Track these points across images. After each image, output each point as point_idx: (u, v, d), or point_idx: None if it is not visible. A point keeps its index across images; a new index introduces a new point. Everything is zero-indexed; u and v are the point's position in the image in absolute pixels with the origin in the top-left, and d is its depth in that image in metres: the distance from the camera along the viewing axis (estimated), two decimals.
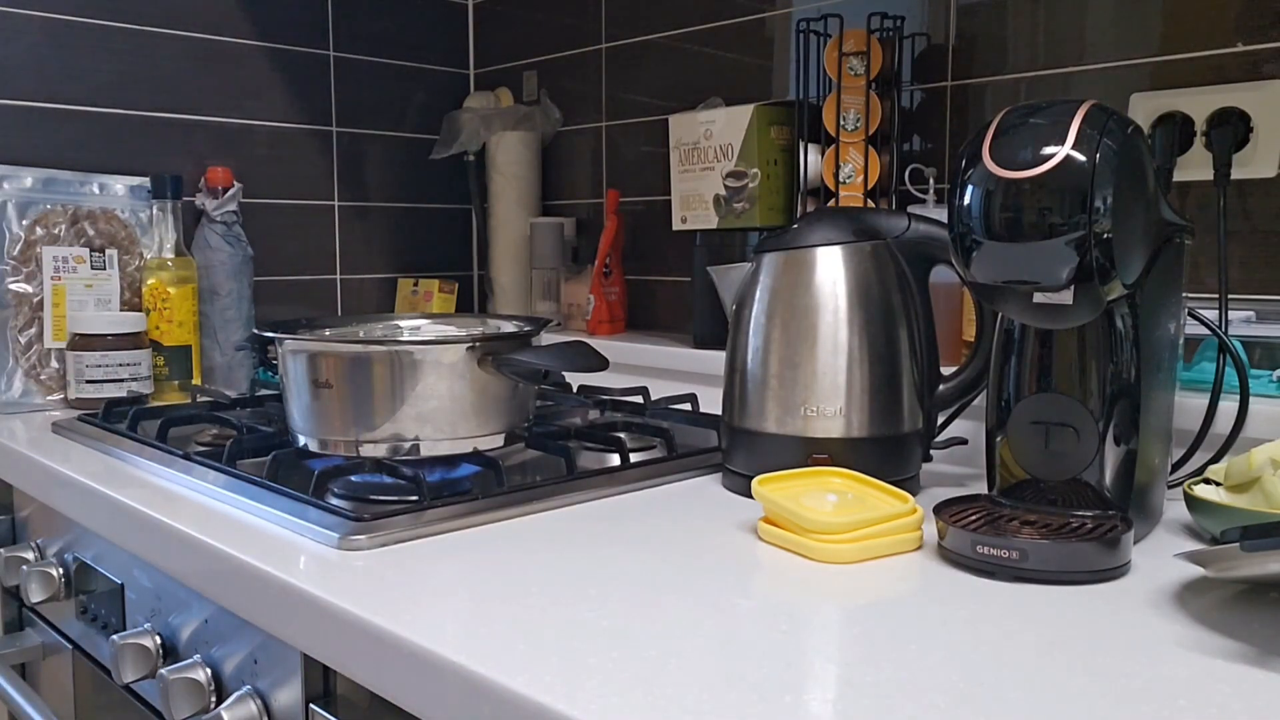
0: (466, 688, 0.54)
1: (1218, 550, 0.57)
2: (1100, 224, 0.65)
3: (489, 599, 0.64)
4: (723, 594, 0.65)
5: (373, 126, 1.77)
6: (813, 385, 0.86)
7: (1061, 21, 1.13)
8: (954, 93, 1.22)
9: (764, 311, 0.89)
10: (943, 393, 0.91)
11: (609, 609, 0.62)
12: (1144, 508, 0.75)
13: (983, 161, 0.69)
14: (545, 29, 1.76)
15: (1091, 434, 0.74)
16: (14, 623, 1.20)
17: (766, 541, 0.76)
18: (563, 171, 1.77)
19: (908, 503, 0.75)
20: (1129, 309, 0.73)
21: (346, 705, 0.70)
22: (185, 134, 1.56)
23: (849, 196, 1.21)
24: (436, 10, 1.85)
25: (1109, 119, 0.68)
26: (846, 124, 1.21)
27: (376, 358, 0.89)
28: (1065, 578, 0.66)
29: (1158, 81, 1.05)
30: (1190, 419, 0.87)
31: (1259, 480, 0.73)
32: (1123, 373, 0.74)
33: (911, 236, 0.89)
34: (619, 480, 0.91)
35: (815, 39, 1.23)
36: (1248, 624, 0.59)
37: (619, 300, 1.58)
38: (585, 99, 1.70)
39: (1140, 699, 0.50)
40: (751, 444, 0.89)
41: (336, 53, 1.72)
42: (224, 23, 1.59)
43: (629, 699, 0.50)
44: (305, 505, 0.79)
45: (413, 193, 1.83)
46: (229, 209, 1.50)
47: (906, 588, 0.67)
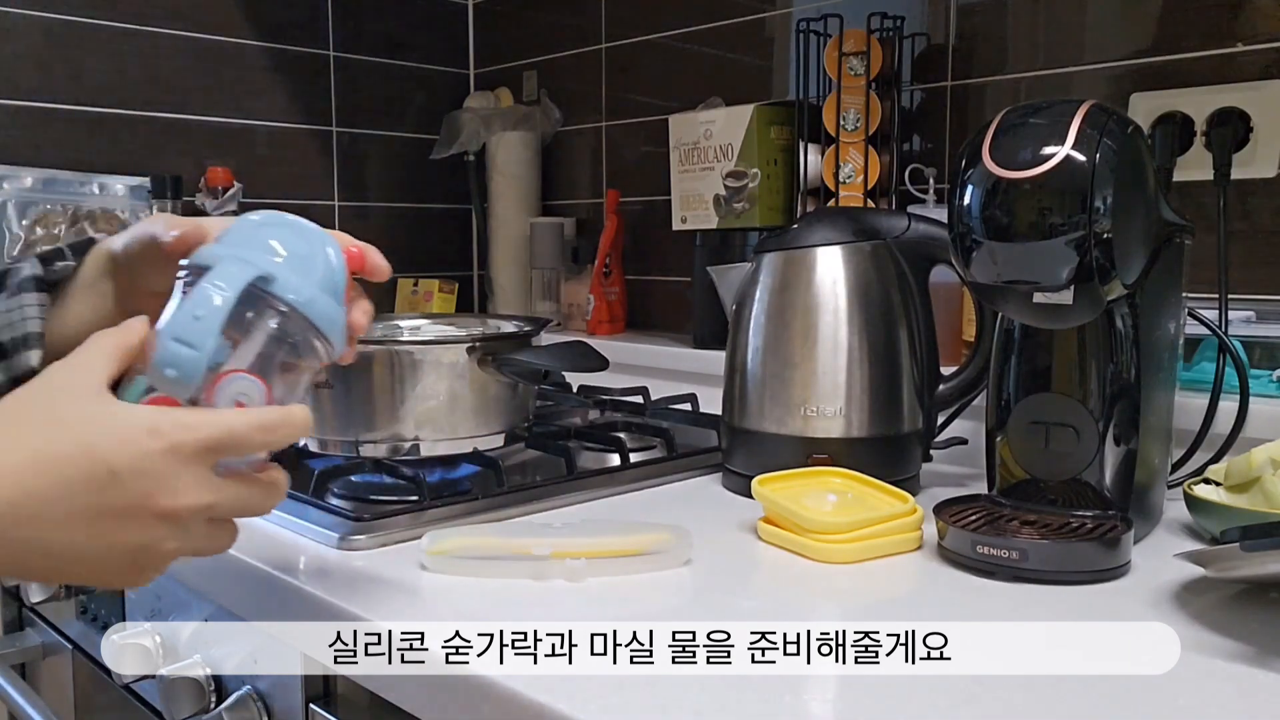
0: (466, 687, 0.54)
1: (1218, 550, 0.57)
2: (1100, 224, 0.65)
3: (489, 599, 0.64)
4: (723, 594, 0.65)
5: (373, 126, 1.77)
6: (813, 385, 0.86)
7: (1061, 21, 1.13)
8: (954, 93, 1.22)
9: (764, 311, 0.89)
10: (943, 393, 0.90)
11: (608, 609, 0.62)
12: (1144, 508, 0.75)
13: (983, 161, 0.69)
14: (545, 29, 1.76)
15: (1091, 434, 0.74)
16: (14, 623, 1.20)
17: (766, 541, 0.76)
18: (563, 171, 1.76)
19: (908, 503, 0.75)
20: (1129, 309, 0.73)
21: (346, 705, 0.70)
22: (185, 134, 1.56)
23: (849, 196, 1.21)
24: (436, 10, 1.85)
25: (1109, 119, 0.68)
26: (846, 124, 1.21)
27: (376, 358, 0.89)
28: (1065, 578, 0.66)
29: (1158, 81, 1.05)
30: (1190, 419, 0.87)
31: (1259, 480, 0.73)
32: (1123, 373, 0.74)
33: (911, 236, 0.89)
34: (619, 480, 0.91)
35: (815, 39, 1.23)
36: (1248, 624, 0.59)
37: (619, 300, 1.58)
38: (585, 99, 1.70)
39: (1140, 699, 0.50)
40: (751, 444, 0.89)
41: (336, 53, 1.72)
42: (224, 23, 1.59)
43: (629, 699, 0.50)
44: (305, 505, 0.79)
45: (413, 193, 1.83)
46: (229, 209, 1.50)
47: (906, 588, 0.68)
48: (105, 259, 0.61)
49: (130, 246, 0.58)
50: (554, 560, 0.67)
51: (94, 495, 0.43)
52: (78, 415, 0.44)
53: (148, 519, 0.44)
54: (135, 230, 0.58)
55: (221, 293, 0.48)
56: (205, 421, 0.46)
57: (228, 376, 0.48)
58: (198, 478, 0.45)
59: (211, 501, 0.46)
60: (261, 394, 0.49)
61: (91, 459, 0.43)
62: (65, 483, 0.43)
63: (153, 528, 0.45)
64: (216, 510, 0.47)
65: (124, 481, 0.43)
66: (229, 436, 0.46)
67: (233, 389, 0.48)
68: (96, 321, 0.59)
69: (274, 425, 0.47)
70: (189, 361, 0.46)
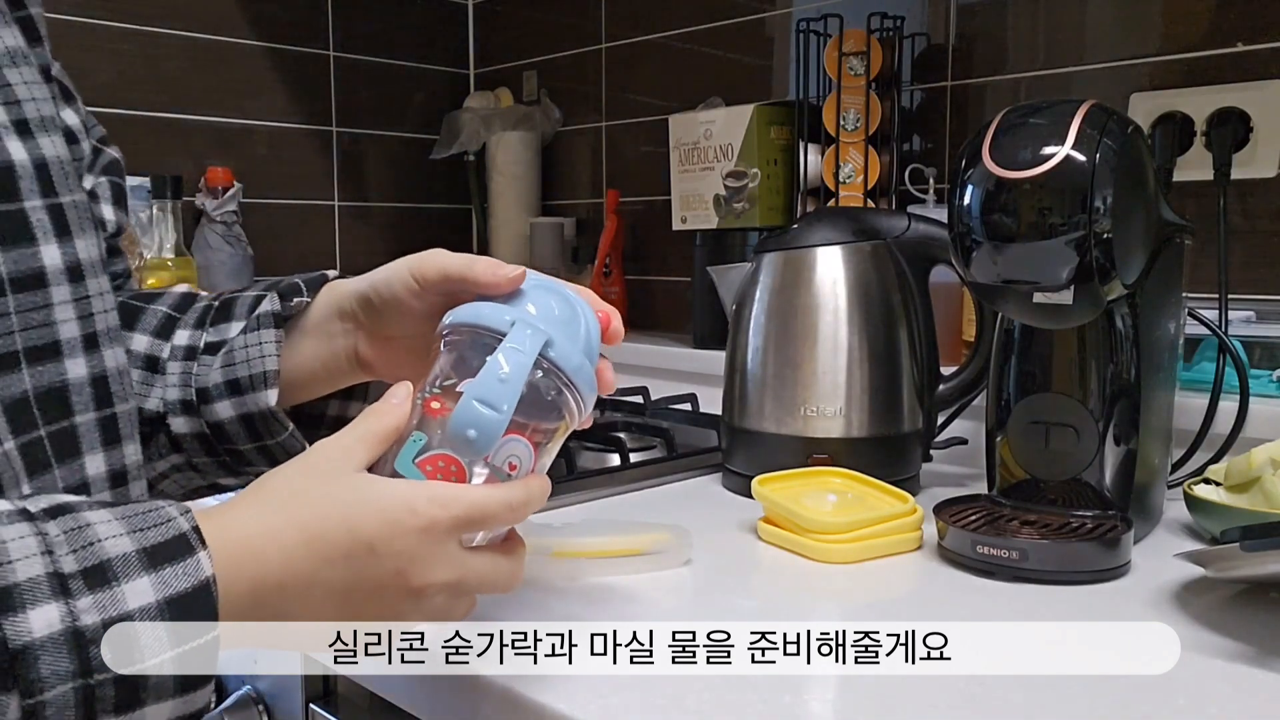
0: (466, 687, 0.54)
1: (1218, 550, 0.57)
2: (1100, 224, 0.65)
3: (487, 599, 0.64)
4: (723, 594, 0.65)
5: (373, 126, 1.77)
6: (812, 385, 0.86)
7: (1061, 21, 1.13)
8: (954, 93, 1.22)
9: (764, 311, 0.89)
10: (943, 393, 0.90)
11: (608, 608, 0.62)
12: (1144, 508, 0.75)
13: (983, 161, 0.69)
14: (545, 29, 1.76)
15: (1091, 434, 0.74)
16: None
17: (766, 541, 0.76)
18: (563, 171, 1.76)
19: (908, 503, 0.75)
20: (1129, 309, 0.73)
21: (346, 705, 0.70)
22: (185, 134, 1.56)
23: (849, 196, 1.21)
24: (436, 10, 1.85)
25: (1109, 119, 0.68)
26: (846, 124, 1.21)
27: None
28: (1065, 578, 0.66)
29: (1158, 81, 1.05)
30: (1190, 419, 0.87)
31: (1259, 480, 0.73)
32: (1123, 373, 0.74)
33: (911, 236, 0.89)
34: (619, 480, 0.91)
35: (815, 39, 1.23)
36: (1248, 624, 0.59)
37: (619, 300, 1.58)
38: (585, 99, 1.70)
39: (1140, 699, 0.50)
40: (751, 444, 0.89)
41: (336, 53, 1.72)
42: (224, 23, 1.59)
43: (628, 699, 0.50)
44: None
45: (413, 193, 1.83)
46: (229, 209, 1.50)
47: (906, 588, 0.68)
48: (339, 299, 0.60)
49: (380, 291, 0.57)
50: (554, 560, 0.67)
51: (352, 572, 0.44)
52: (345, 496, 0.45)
53: (397, 594, 0.45)
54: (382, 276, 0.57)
55: (520, 357, 0.48)
56: (457, 498, 0.46)
57: (507, 438, 0.48)
58: (448, 554, 0.46)
59: (459, 578, 0.47)
60: (531, 457, 0.49)
61: (353, 538, 0.43)
62: (328, 562, 0.43)
63: (400, 602, 0.45)
64: (462, 586, 0.47)
65: (381, 559, 0.44)
66: (480, 513, 0.46)
67: (507, 450, 0.48)
68: (323, 359, 0.60)
69: (521, 503, 0.48)
70: (491, 424, 0.46)
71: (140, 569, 0.37)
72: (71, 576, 0.36)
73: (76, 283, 0.47)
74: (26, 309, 0.45)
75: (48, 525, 0.37)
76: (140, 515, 0.39)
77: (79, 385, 0.47)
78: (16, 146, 0.45)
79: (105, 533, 0.37)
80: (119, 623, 0.36)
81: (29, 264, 0.45)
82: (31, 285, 0.45)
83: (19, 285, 0.44)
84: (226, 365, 0.59)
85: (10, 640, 0.34)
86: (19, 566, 0.35)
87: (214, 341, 0.61)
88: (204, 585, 0.38)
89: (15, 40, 0.48)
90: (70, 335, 0.47)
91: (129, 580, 0.37)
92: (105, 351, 0.49)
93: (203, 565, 0.38)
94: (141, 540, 0.38)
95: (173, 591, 0.37)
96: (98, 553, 0.37)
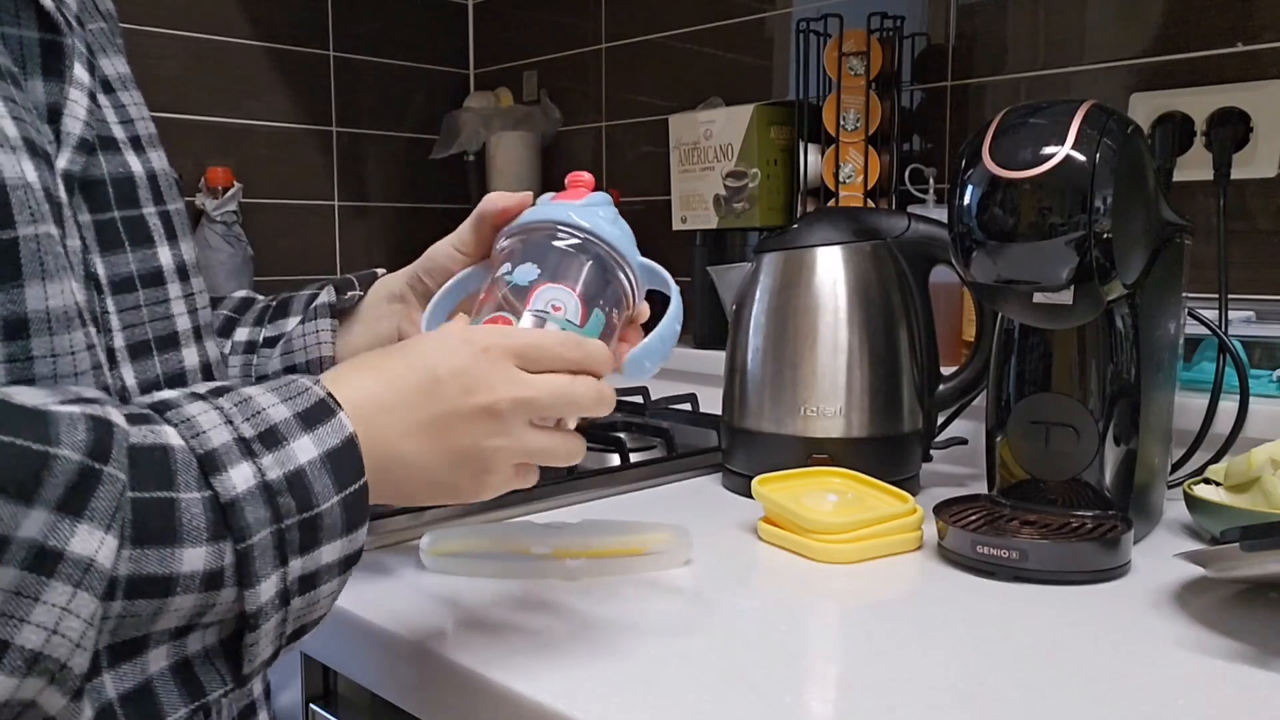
0: (466, 687, 0.54)
1: (1218, 550, 0.57)
2: (1100, 224, 0.65)
3: (487, 600, 0.64)
4: (723, 594, 0.65)
5: (373, 126, 1.77)
6: (813, 385, 0.86)
7: (1061, 21, 1.13)
8: (954, 93, 1.22)
9: (764, 311, 0.89)
10: (943, 393, 0.90)
11: (608, 608, 0.62)
12: (1144, 508, 0.75)
13: (983, 161, 0.69)
14: (545, 29, 1.76)
15: (1091, 434, 0.74)
16: None
17: (766, 541, 0.76)
18: (563, 171, 1.75)
19: (908, 503, 0.75)
20: (1129, 309, 0.73)
21: (346, 705, 0.70)
22: (185, 134, 1.56)
23: (849, 196, 1.21)
24: (436, 10, 1.85)
25: (1109, 119, 0.68)
26: (846, 124, 1.21)
27: None
28: (1065, 578, 0.66)
29: (1158, 81, 1.05)
30: (1190, 419, 0.87)
31: (1259, 480, 0.73)
32: (1123, 373, 0.74)
33: (911, 236, 0.89)
34: (619, 480, 0.91)
35: (815, 39, 1.23)
36: (1248, 624, 0.59)
37: None
38: (585, 99, 1.70)
39: (1140, 699, 0.50)
40: (751, 444, 0.89)
41: (336, 53, 1.72)
42: (224, 23, 1.59)
43: (629, 699, 0.50)
44: None
45: (413, 193, 1.83)
46: (229, 209, 1.50)
47: (906, 588, 0.68)
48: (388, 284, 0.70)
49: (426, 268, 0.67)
50: (554, 560, 0.67)
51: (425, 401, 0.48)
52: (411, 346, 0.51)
53: (471, 416, 0.49)
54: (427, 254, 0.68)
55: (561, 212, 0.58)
56: (515, 331, 0.52)
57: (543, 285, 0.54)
58: (509, 375, 0.50)
59: (527, 397, 0.50)
60: (576, 307, 0.54)
61: (419, 370, 0.49)
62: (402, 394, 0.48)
63: (476, 425, 0.49)
64: (534, 407, 0.50)
65: (445, 384, 0.48)
66: (536, 344, 0.51)
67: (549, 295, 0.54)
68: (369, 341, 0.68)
69: (576, 344, 0.52)
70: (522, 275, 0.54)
71: (300, 430, 0.43)
72: (251, 440, 0.41)
73: (184, 281, 0.53)
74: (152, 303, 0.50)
75: (220, 400, 0.42)
76: (284, 387, 0.44)
77: (193, 372, 0.52)
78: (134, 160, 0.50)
79: (265, 403, 0.43)
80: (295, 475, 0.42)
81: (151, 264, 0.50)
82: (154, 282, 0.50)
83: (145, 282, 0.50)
84: (285, 354, 0.69)
85: (221, 495, 0.39)
86: (212, 435, 0.40)
87: (272, 336, 0.70)
88: (350, 440, 0.44)
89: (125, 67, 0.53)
90: (185, 328, 0.52)
91: (294, 440, 0.42)
92: (207, 344, 0.55)
93: (345, 424, 0.44)
94: (294, 407, 0.43)
95: (328, 446, 0.43)
96: (265, 419, 0.42)
